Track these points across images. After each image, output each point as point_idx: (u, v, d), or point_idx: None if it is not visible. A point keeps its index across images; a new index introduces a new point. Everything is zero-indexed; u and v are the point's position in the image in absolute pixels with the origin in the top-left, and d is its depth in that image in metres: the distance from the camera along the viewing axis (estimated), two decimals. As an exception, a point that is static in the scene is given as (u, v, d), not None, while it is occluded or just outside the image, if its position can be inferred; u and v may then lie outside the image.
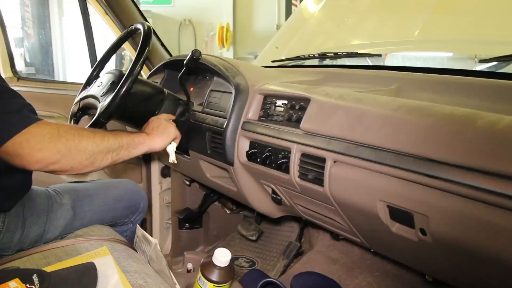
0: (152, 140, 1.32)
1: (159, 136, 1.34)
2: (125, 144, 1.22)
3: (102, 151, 1.14)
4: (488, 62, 1.36)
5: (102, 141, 1.14)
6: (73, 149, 1.06)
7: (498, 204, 0.71)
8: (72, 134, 1.07)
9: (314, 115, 1.12)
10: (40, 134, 1.01)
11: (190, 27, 7.55)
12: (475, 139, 0.76)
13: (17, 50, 4.94)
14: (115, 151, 1.19)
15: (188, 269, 2.05)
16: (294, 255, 1.98)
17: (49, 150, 1.02)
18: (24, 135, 0.98)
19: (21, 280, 0.86)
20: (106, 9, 2.04)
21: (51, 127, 1.04)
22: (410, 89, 1.26)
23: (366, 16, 2.05)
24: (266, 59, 1.98)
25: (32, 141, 0.99)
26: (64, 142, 1.05)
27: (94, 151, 1.12)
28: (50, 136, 1.02)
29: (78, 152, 1.08)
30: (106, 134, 1.18)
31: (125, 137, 1.22)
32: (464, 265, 0.89)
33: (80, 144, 1.08)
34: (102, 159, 1.15)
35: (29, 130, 0.99)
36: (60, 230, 1.34)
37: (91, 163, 1.12)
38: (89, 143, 1.10)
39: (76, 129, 1.11)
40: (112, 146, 1.17)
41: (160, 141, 1.35)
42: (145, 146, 1.30)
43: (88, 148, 1.10)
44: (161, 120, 1.40)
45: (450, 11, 1.74)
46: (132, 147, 1.25)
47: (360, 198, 0.99)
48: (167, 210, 2.24)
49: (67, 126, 1.10)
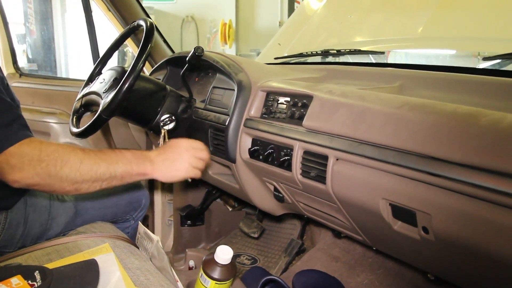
0: (156, 173, 1.16)
1: (168, 172, 1.18)
2: (119, 175, 1.10)
3: (87, 181, 1.05)
4: (491, 59, 1.35)
5: (89, 170, 1.04)
6: (53, 175, 0.99)
7: (501, 203, 0.70)
8: (55, 159, 0.99)
9: (316, 113, 1.11)
10: (20, 155, 0.97)
11: (193, 23, 7.53)
12: (478, 137, 0.75)
13: (19, 46, 4.94)
14: (104, 180, 1.08)
15: (190, 266, 2.05)
16: (296, 253, 1.98)
17: (28, 172, 0.97)
18: (4, 155, 0.96)
19: (23, 276, 0.86)
20: (109, 6, 2.04)
21: (33, 148, 0.98)
22: (413, 86, 1.26)
23: (369, 13, 2.04)
24: (269, 56, 1.98)
25: (11, 161, 0.96)
26: (44, 167, 0.98)
27: (77, 180, 1.03)
28: (30, 158, 0.97)
29: (59, 179, 1.01)
30: (97, 162, 1.06)
31: (121, 166, 1.10)
32: (466, 264, 0.89)
33: (61, 171, 1.00)
34: (88, 187, 1.06)
35: (9, 150, 0.96)
36: (62, 227, 1.34)
37: (75, 189, 1.05)
38: (72, 172, 1.01)
39: (62, 153, 1.02)
40: (102, 176, 1.07)
41: (166, 177, 1.19)
42: (146, 177, 1.17)
43: (70, 176, 1.01)
44: (182, 151, 1.21)
45: (453, 8, 1.73)
46: (127, 177, 1.13)
47: (362, 196, 0.99)
48: (169, 207, 2.24)
49: (53, 148, 1.02)
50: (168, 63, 1.80)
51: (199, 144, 1.26)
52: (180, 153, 1.20)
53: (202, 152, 1.25)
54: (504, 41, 1.48)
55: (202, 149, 1.25)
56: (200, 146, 1.25)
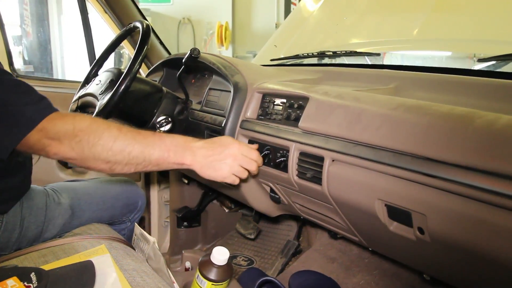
0: (194, 166, 1.08)
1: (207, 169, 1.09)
2: (154, 160, 1.03)
3: (119, 162, 1.00)
4: (486, 61, 1.36)
5: (122, 151, 0.99)
6: (86, 152, 0.97)
7: (496, 203, 0.71)
8: (88, 134, 0.97)
9: (312, 114, 1.12)
10: (55, 130, 0.96)
11: (189, 25, 7.53)
12: (473, 138, 0.76)
13: (15, 48, 4.94)
14: (139, 164, 1.02)
15: (186, 267, 2.05)
16: (292, 254, 1.98)
17: (66, 146, 0.96)
18: (41, 132, 0.95)
19: (19, 278, 0.86)
20: (105, 7, 2.04)
21: (65, 123, 0.97)
22: (408, 88, 1.26)
23: (365, 15, 2.05)
24: (265, 57, 1.98)
25: (49, 134, 0.96)
26: (78, 142, 0.96)
27: (109, 160, 0.99)
28: (64, 132, 0.96)
29: (92, 156, 0.98)
30: (131, 143, 1.00)
31: (157, 152, 1.03)
32: (461, 264, 0.89)
33: (93, 148, 0.97)
34: (122, 168, 1.02)
35: (44, 126, 0.95)
36: (58, 229, 1.34)
37: (109, 168, 1.01)
38: (104, 151, 0.98)
39: (95, 129, 0.98)
40: (134, 159, 1.01)
41: (204, 173, 1.09)
42: (184, 167, 1.08)
43: (102, 155, 0.98)
44: (228, 156, 1.09)
45: (449, 10, 1.74)
46: (164, 165, 1.06)
47: (358, 197, 0.99)
48: (165, 209, 2.24)
49: (86, 123, 0.98)
50: (165, 65, 1.80)
51: (252, 154, 1.13)
52: (225, 157, 1.09)
53: (250, 163, 1.12)
54: (499, 42, 1.49)
55: (252, 160, 1.13)
56: (252, 156, 1.12)
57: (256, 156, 1.13)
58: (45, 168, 1.83)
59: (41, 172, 1.07)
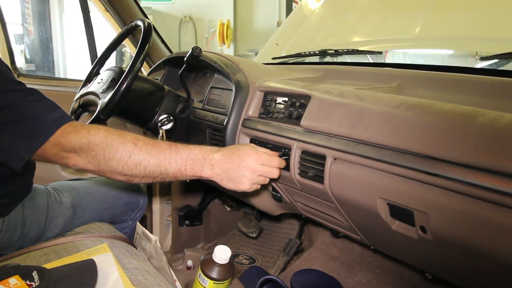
0: (213, 176, 1.07)
1: (227, 180, 1.07)
2: (171, 174, 1.03)
3: (136, 175, 1.01)
4: (489, 59, 1.35)
5: (138, 165, 0.99)
6: (102, 165, 0.99)
7: (499, 202, 0.71)
8: (103, 149, 0.98)
9: (314, 112, 1.11)
10: (70, 144, 0.97)
11: (191, 23, 7.53)
12: (475, 137, 0.75)
13: (17, 46, 4.94)
14: (156, 177, 1.03)
15: (188, 266, 2.05)
16: (294, 253, 1.98)
17: (82, 158, 0.98)
18: (57, 146, 0.97)
19: (21, 277, 0.86)
20: (107, 6, 2.04)
21: (80, 137, 0.97)
22: (410, 86, 1.26)
23: (367, 13, 2.04)
24: (267, 56, 1.98)
25: (66, 148, 0.97)
26: (94, 156, 0.98)
27: (125, 173, 1.00)
28: (80, 146, 0.97)
29: (109, 169, 0.99)
30: (146, 158, 1.00)
31: (173, 166, 1.02)
32: (464, 263, 0.89)
33: (109, 163, 0.98)
34: (140, 180, 1.03)
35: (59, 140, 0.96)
36: (60, 228, 1.34)
37: (127, 180, 1.02)
38: (119, 165, 0.99)
39: (110, 144, 0.99)
40: (151, 173, 1.01)
41: (224, 184, 1.08)
42: (202, 178, 1.08)
43: (118, 169, 0.99)
44: (247, 168, 1.06)
45: (451, 8, 1.74)
46: (181, 177, 1.05)
47: (360, 195, 0.99)
48: (167, 207, 2.24)
49: (101, 137, 0.99)
50: (166, 63, 1.80)
51: (272, 160, 1.11)
52: (244, 169, 1.06)
53: (271, 172, 1.10)
54: (502, 40, 1.49)
55: (273, 168, 1.11)
56: (273, 163, 1.11)
57: (277, 163, 1.12)
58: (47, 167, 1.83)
59: (42, 171, 1.07)
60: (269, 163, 1.10)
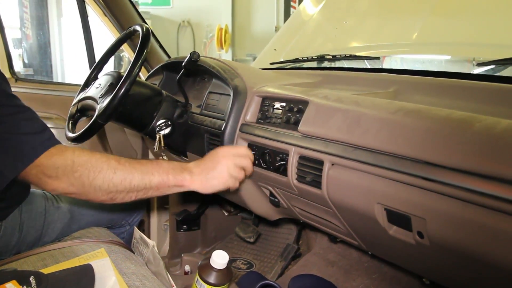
0: (194, 185, 1.12)
1: (206, 182, 1.13)
2: (155, 186, 1.07)
3: (121, 191, 1.04)
4: (486, 65, 1.36)
5: (123, 181, 1.03)
6: (86, 185, 1.00)
7: (496, 208, 0.71)
8: (88, 169, 1.00)
9: (312, 118, 1.12)
10: (54, 166, 0.98)
11: (189, 28, 7.55)
12: (472, 142, 0.76)
13: (15, 51, 4.94)
14: (140, 191, 1.06)
15: (186, 271, 2.05)
16: (292, 257, 1.98)
17: (64, 182, 0.99)
18: (39, 168, 0.97)
19: (18, 282, 0.86)
20: (105, 11, 2.05)
21: (65, 159, 0.99)
22: (408, 92, 1.27)
23: (365, 19, 2.05)
24: (265, 61, 1.99)
25: (47, 172, 0.98)
26: (78, 178, 0.99)
27: (110, 191, 1.03)
28: (63, 169, 0.98)
29: (93, 189, 1.01)
30: (131, 172, 1.04)
31: (156, 177, 1.07)
32: (461, 268, 0.89)
33: (94, 182, 1.00)
34: (123, 197, 1.06)
35: (42, 162, 0.97)
36: (57, 233, 1.34)
37: (110, 199, 1.05)
38: (105, 182, 1.01)
39: (95, 163, 1.01)
40: (136, 187, 1.05)
41: (205, 188, 1.13)
42: (184, 189, 1.13)
43: (103, 187, 1.02)
44: (220, 159, 1.14)
45: (448, 14, 1.74)
46: (164, 189, 1.10)
47: (357, 200, 0.99)
48: (165, 212, 2.24)
49: (85, 158, 1.01)
50: (164, 68, 1.80)
51: (241, 150, 1.19)
52: (218, 161, 1.13)
53: (243, 159, 1.17)
54: (499, 46, 1.49)
55: (244, 156, 1.18)
56: (242, 152, 1.19)
57: (245, 150, 1.20)
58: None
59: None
60: (238, 151, 1.19)
